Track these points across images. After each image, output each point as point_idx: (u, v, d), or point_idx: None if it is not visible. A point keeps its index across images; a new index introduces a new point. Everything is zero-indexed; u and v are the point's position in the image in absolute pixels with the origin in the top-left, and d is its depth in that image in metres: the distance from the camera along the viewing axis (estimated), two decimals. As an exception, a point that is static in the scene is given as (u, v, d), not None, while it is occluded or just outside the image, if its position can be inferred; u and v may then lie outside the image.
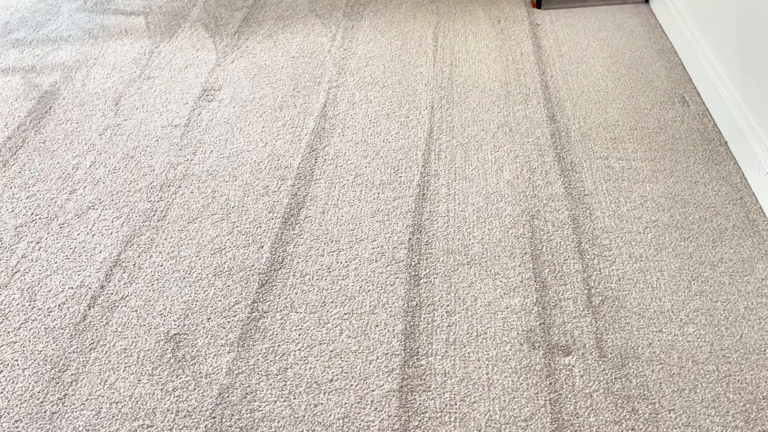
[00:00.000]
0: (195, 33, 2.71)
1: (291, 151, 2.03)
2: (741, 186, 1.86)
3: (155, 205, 1.83)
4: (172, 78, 2.41)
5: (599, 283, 1.57)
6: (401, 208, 1.80)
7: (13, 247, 1.70)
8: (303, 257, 1.66)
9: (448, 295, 1.55)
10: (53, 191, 1.89)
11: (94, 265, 1.65)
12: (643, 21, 2.72)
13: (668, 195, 1.83)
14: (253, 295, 1.56)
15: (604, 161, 1.95)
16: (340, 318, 1.50)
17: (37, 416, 1.31)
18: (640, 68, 2.40)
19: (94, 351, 1.43)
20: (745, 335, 1.45)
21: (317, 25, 2.74)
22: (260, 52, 2.55)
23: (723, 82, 2.09)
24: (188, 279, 1.60)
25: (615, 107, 2.19)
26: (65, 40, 2.68)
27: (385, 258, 1.65)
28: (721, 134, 2.05)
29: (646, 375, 1.36)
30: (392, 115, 2.18)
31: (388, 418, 1.29)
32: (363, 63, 2.47)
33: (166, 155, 2.02)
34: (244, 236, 1.72)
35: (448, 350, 1.42)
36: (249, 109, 2.22)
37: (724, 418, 1.29)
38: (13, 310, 1.53)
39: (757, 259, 1.63)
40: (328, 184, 1.90)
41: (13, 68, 2.50)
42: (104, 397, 1.34)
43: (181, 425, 1.29)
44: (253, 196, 1.86)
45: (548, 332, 1.46)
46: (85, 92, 2.34)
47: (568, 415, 1.29)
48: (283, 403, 1.32)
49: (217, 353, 1.42)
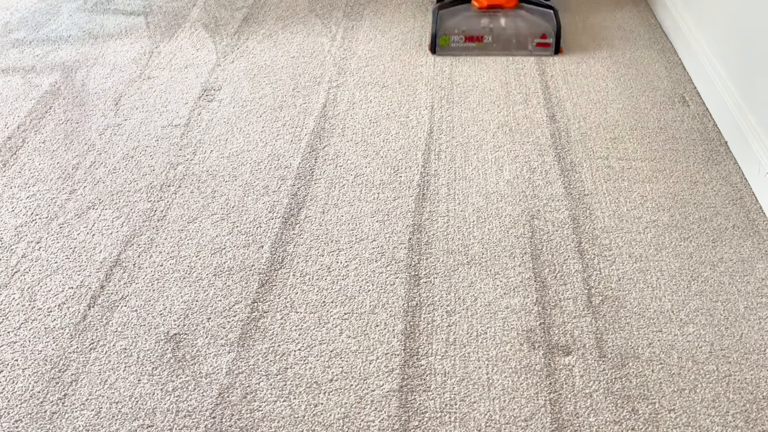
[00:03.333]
0: (195, 33, 2.71)
1: (291, 151, 2.03)
2: (741, 186, 1.86)
3: (155, 205, 1.83)
4: (172, 78, 2.41)
5: (599, 283, 1.57)
6: (401, 208, 1.80)
7: (13, 247, 1.70)
8: (303, 257, 1.66)
9: (448, 295, 1.55)
10: (53, 191, 1.89)
11: (94, 265, 1.65)
12: (643, 21, 2.72)
13: (668, 195, 1.83)
14: (253, 295, 1.56)
15: (604, 161, 1.95)
16: (340, 318, 1.50)
17: (37, 416, 1.31)
18: (640, 68, 2.40)
19: (94, 351, 1.44)
20: (745, 335, 1.45)
21: (317, 25, 2.74)
22: (260, 52, 2.55)
23: (723, 82, 2.09)
24: (188, 279, 1.60)
25: (615, 107, 2.19)
26: (65, 40, 2.68)
27: (385, 258, 1.65)
28: (721, 134, 2.05)
29: (646, 375, 1.37)
30: (392, 115, 2.18)
31: (388, 418, 1.29)
32: (363, 63, 2.47)
33: (166, 155, 2.02)
34: (244, 236, 1.72)
35: (448, 350, 1.42)
36: (249, 109, 2.22)
37: (724, 418, 1.29)
38: (13, 310, 1.54)
39: (757, 259, 1.63)
40: (328, 184, 1.90)
41: (13, 68, 2.50)
42: (104, 397, 1.34)
43: (181, 425, 1.29)
44: (253, 196, 1.86)
45: (548, 332, 1.46)
46: (85, 92, 2.34)
47: (568, 415, 1.29)
48: (283, 403, 1.32)
49: (217, 353, 1.42)
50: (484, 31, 2.45)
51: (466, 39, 2.46)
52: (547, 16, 2.50)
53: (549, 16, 2.50)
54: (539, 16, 2.49)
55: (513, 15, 2.48)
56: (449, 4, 2.53)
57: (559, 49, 2.48)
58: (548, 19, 2.50)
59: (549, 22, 2.49)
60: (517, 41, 2.47)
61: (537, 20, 2.48)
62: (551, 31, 2.47)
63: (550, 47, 2.47)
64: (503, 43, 2.48)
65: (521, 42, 2.48)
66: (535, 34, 2.48)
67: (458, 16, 2.46)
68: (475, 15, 2.48)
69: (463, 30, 2.46)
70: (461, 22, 2.45)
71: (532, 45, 2.47)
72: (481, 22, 2.46)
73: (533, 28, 2.49)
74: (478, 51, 2.46)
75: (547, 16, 2.50)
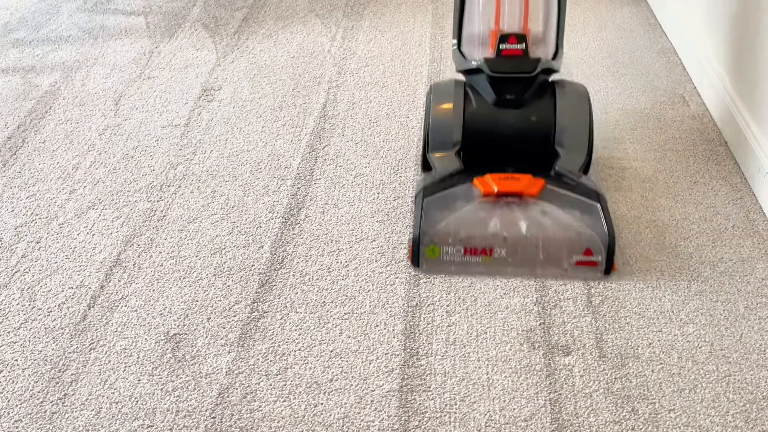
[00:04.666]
0: (195, 33, 2.71)
1: (291, 151, 2.03)
2: (741, 186, 1.86)
3: (155, 205, 1.83)
4: (172, 78, 2.41)
5: (599, 283, 1.57)
6: (401, 208, 1.81)
7: (13, 247, 1.70)
8: (303, 257, 1.66)
9: (448, 295, 1.55)
10: (53, 191, 1.89)
11: (94, 265, 1.65)
12: (643, 21, 2.72)
13: (668, 195, 1.83)
14: (253, 295, 1.56)
15: (605, 161, 1.95)
16: (340, 318, 1.50)
17: (37, 416, 1.31)
18: (640, 68, 2.40)
19: (94, 351, 1.44)
20: (745, 335, 1.45)
21: (317, 25, 2.74)
22: (260, 52, 2.55)
23: (723, 82, 2.09)
24: (188, 279, 1.60)
25: (615, 107, 2.19)
26: (65, 40, 2.68)
27: (385, 258, 1.65)
28: (721, 134, 2.06)
29: (646, 375, 1.36)
30: (392, 115, 2.18)
31: (388, 418, 1.29)
32: (363, 63, 2.47)
33: (166, 155, 2.02)
34: (244, 236, 1.72)
35: (448, 350, 1.42)
36: (249, 109, 2.23)
37: (724, 418, 1.29)
38: (13, 310, 1.54)
39: (757, 259, 1.63)
40: (328, 184, 1.90)
41: (13, 68, 2.50)
42: (104, 397, 1.34)
43: (181, 425, 1.29)
44: (253, 196, 1.86)
45: (548, 332, 1.46)
46: (85, 92, 2.34)
47: (568, 415, 1.29)
48: (283, 403, 1.32)
49: (217, 353, 1.42)
50: (495, 240, 1.56)
51: (467, 251, 1.57)
52: (591, 215, 1.58)
53: (593, 213, 1.59)
54: (579, 213, 1.58)
55: (538, 210, 1.58)
56: (440, 184, 1.66)
57: (612, 266, 1.57)
58: (593, 218, 1.58)
59: (594, 225, 1.56)
60: (545, 256, 1.56)
61: (576, 222, 1.57)
62: (599, 244, 1.54)
63: (597, 266, 1.56)
64: (524, 258, 1.57)
65: (552, 257, 1.57)
66: (575, 246, 1.55)
67: (454, 210, 1.59)
68: (480, 208, 1.59)
69: (461, 238, 1.56)
70: (459, 222, 1.57)
71: (569, 263, 1.57)
72: (490, 224, 1.57)
73: (571, 237, 1.56)
74: (485, 268, 1.58)
75: (591, 213, 1.59)
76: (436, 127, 1.75)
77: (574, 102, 1.75)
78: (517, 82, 1.70)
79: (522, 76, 1.69)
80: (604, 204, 1.61)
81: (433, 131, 1.75)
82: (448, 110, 1.74)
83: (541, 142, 1.73)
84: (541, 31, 1.73)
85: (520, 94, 1.71)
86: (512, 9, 1.71)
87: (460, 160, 1.70)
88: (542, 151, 1.73)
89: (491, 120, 1.74)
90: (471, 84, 1.77)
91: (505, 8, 1.71)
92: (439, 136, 1.74)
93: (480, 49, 1.73)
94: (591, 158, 1.74)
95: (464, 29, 1.75)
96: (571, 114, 1.73)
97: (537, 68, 1.68)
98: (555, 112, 1.72)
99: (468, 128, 1.72)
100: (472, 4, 1.73)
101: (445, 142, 1.73)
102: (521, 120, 1.73)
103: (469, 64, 1.73)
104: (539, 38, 1.73)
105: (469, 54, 1.74)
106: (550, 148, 1.72)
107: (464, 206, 1.60)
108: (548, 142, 1.72)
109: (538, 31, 1.72)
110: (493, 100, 1.72)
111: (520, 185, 1.60)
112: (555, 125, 1.72)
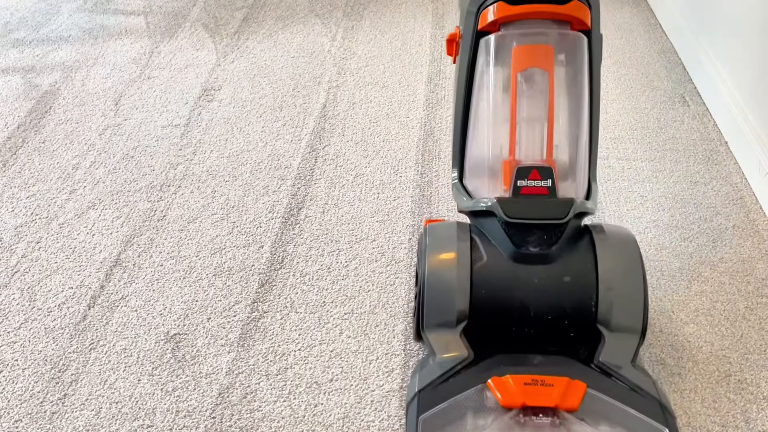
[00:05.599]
0: (195, 33, 2.71)
1: (291, 151, 2.03)
2: (741, 186, 1.86)
3: (155, 205, 1.83)
4: (172, 78, 2.41)
5: None
6: (401, 208, 1.80)
7: (13, 247, 1.70)
8: (303, 257, 1.66)
9: (448, 295, 1.55)
10: (53, 191, 1.89)
11: (94, 265, 1.65)
12: (643, 21, 2.72)
13: (668, 195, 1.83)
14: (253, 295, 1.56)
15: (604, 161, 1.95)
16: (340, 318, 1.50)
17: (37, 416, 1.31)
18: (640, 68, 2.40)
19: (94, 351, 1.44)
20: (745, 335, 1.45)
21: (317, 25, 2.74)
22: (260, 52, 2.55)
23: (723, 81, 2.09)
24: (188, 279, 1.60)
25: (615, 107, 2.19)
26: (65, 40, 2.68)
27: (385, 258, 1.65)
28: (721, 134, 2.05)
29: (646, 375, 1.36)
30: (392, 115, 2.18)
31: (388, 418, 1.29)
32: (363, 63, 2.47)
33: (166, 155, 2.02)
34: (244, 236, 1.72)
35: (448, 350, 1.42)
36: (249, 109, 2.22)
37: (724, 418, 1.29)
38: (13, 310, 1.54)
39: (757, 259, 1.63)
40: (328, 184, 1.90)
41: (13, 68, 2.50)
42: (104, 397, 1.34)
43: (181, 425, 1.29)
44: (253, 196, 1.86)
45: (548, 332, 1.45)
46: (85, 92, 2.34)
47: (568, 415, 1.29)
48: (283, 403, 1.32)
49: (217, 353, 1.42)
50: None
51: None
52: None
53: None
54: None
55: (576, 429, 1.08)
56: (441, 386, 1.18)
57: None
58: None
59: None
60: None
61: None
62: None
63: None
64: None
65: None
66: None
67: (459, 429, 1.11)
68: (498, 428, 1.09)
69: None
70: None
71: None
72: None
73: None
74: None
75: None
76: (434, 294, 1.24)
77: (621, 256, 1.25)
78: (543, 229, 1.23)
79: (550, 222, 1.23)
80: (674, 429, 1.10)
81: (430, 299, 1.24)
82: (450, 268, 1.25)
83: (577, 315, 1.22)
84: (567, 162, 1.29)
85: (548, 245, 1.23)
86: (532, 133, 1.26)
87: (467, 345, 1.22)
88: (579, 327, 1.23)
89: (510, 282, 1.24)
90: (479, 229, 1.30)
91: (522, 132, 1.26)
92: (438, 309, 1.24)
93: (490, 185, 1.29)
94: (645, 339, 1.25)
95: (467, 157, 1.34)
96: (617, 273, 1.23)
97: (569, 212, 1.22)
98: (596, 271, 1.23)
99: (478, 295, 1.23)
100: (478, 124, 1.31)
101: (446, 316, 1.23)
102: (550, 281, 1.23)
103: (476, 204, 1.28)
104: (565, 170, 1.28)
105: (475, 190, 1.32)
106: (590, 324, 1.22)
107: (474, 419, 1.11)
108: (588, 316, 1.22)
109: (564, 162, 1.28)
110: (511, 254, 1.24)
111: (554, 396, 1.09)
112: (597, 289, 1.22)
